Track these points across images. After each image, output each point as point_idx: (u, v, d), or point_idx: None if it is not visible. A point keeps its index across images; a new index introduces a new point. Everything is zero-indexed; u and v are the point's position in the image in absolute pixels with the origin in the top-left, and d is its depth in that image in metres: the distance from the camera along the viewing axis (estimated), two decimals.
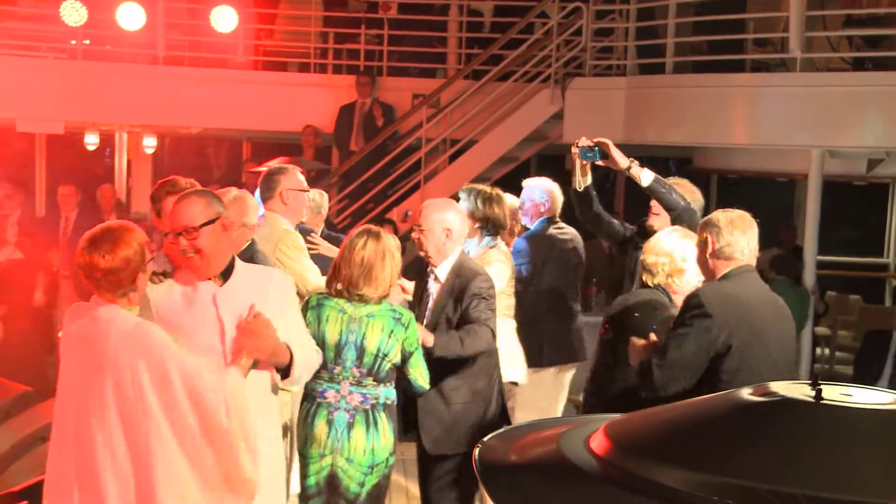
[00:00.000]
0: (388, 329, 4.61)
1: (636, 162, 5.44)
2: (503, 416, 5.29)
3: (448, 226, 5.11)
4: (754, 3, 10.29)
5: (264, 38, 12.41)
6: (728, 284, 4.26)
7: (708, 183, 12.70)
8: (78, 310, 3.75)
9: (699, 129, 10.01)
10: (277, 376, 3.95)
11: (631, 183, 5.72)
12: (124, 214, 10.47)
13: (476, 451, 2.34)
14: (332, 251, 5.83)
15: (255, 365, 3.80)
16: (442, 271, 5.11)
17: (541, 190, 6.73)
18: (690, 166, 11.84)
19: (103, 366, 3.57)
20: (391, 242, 4.74)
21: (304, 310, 4.64)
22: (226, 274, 3.91)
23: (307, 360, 4.02)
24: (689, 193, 5.61)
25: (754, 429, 2.14)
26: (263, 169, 10.86)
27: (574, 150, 5.49)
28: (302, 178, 5.88)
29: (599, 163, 5.50)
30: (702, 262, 4.36)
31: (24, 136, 12.36)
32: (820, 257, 9.31)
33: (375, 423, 4.60)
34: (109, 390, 3.56)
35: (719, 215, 4.35)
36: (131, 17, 11.06)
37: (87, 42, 11.77)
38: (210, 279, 3.90)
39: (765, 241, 10.27)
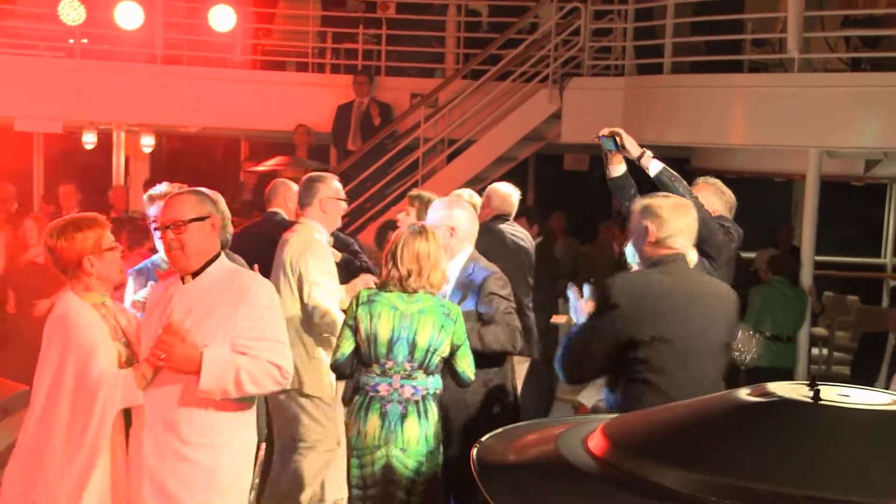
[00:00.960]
0: (438, 324, 4.68)
1: (648, 152, 5.51)
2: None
3: (453, 224, 5.16)
4: (752, 3, 10.29)
5: (262, 37, 12.41)
6: (649, 273, 4.23)
7: None
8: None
9: (697, 129, 10.01)
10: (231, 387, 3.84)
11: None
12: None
13: (474, 451, 2.34)
14: (336, 255, 5.92)
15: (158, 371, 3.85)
16: (450, 270, 5.10)
17: (489, 191, 6.86)
18: (688, 166, 11.84)
19: (43, 348, 3.95)
20: (435, 235, 4.81)
21: (356, 306, 4.74)
22: (197, 273, 3.94)
23: (234, 372, 3.80)
24: (719, 194, 5.66)
25: (752, 429, 2.14)
26: (262, 168, 10.95)
27: (597, 139, 5.58)
28: (339, 185, 5.94)
29: (616, 152, 5.59)
30: (639, 248, 4.30)
31: (23, 134, 12.36)
32: (817, 257, 9.32)
33: (426, 413, 4.72)
34: (44, 374, 3.91)
35: (661, 202, 4.27)
36: (130, 16, 11.06)
37: (86, 41, 11.77)
38: (183, 276, 3.96)
39: (763, 241, 10.38)
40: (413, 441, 4.67)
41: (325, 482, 5.86)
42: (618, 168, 5.66)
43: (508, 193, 6.83)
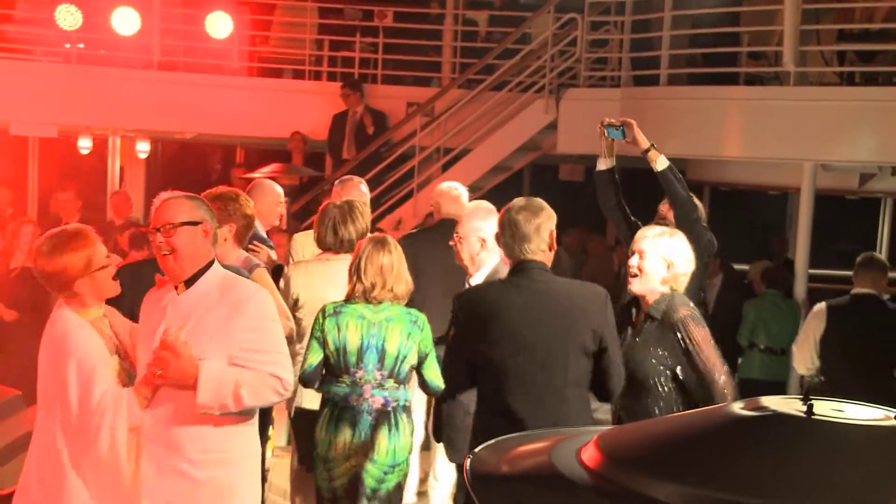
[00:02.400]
0: (406, 332, 4.74)
1: (655, 146, 5.57)
2: None
3: (483, 235, 5.12)
4: (749, 16, 10.32)
5: (259, 44, 12.42)
6: (490, 285, 4.45)
7: (701, 195, 12.72)
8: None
9: (692, 141, 10.02)
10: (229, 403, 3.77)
11: (624, 189, 5.82)
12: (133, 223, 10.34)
13: (467, 462, 2.34)
14: (271, 260, 5.84)
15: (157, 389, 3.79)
16: (476, 281, 5.10)
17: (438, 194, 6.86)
18: (684, 178, 11.85)
19: (41, 368, 3.87)
20: (398, 245, 4.88)
21: (322, 318, 4.76)
22: (191, 282, 3.85)
23: (233, 386, 3.73)
24: None
25: (745, 443, 2.14)
26: (254, 176, 10.94)
27: (599, 127, 5.59)
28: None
29: (624, 142, 5.63)
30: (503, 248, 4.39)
31: (18, 139, 12.34)
32: (812, 271, 9.32)
33: (397, 425, 4.74)
34: (47, 394, 3.83)
35: (520, 204, 4.28)
36: (126, 22, 11.07)
37: (82, 46, 11.76)
38: (177, 285, 3.86)
39: (757, 254, 10.37)
40: (383, 453, 4.71)
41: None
42: (608, 161, 5.72)
43: (457, 191, 6.75)
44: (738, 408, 2.25)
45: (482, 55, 11.58)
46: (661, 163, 5.58)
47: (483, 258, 5.13)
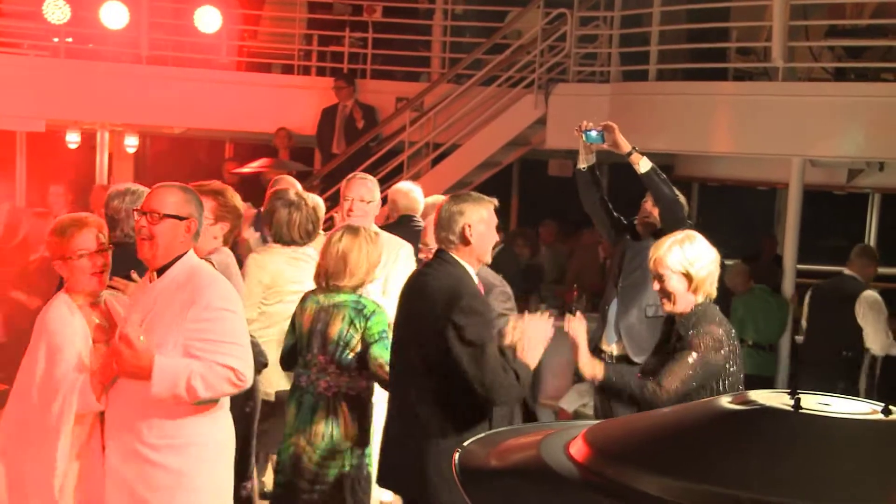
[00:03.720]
0: (348, 319, 4.82)
1: (637, 149, 5.57)
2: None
3: None
4: (738, 11, 10.34)
5: (248, 39, 12.39)
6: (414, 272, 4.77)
7: (689, 191, 12.74)
8: None
9: (681, 137, 10.04)
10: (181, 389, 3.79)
11: (619, 182, 5.85)
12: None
13: (455, 456, 2.34)
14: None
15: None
16: None
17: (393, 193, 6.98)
18: (672, 174, 11.88)
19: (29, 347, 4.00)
20: (369, 236, 4.97)
21: (301, 301, 5.03)
22: (162, 271, 3.91)
23: (186, 377, 3.75)
24: None
25: (733, 437, 2.14)
26: (245, 170, 10.92)
27: (577, 131, 5.59)
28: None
29: (603, 146, 5.61)
30: None
31: (6, 133, 12.29)
32: (800, 266, 9.35)
33: (335, 411, 4.82)
34: (21, 368, 3.96)
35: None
36: (115, 16, 11.03)
37: (70, 40, 11.72)
38: (150, 273, 3.96)
39: (745, 250, 10.41)
40: (318, 436, 4.81)
41: None
42: (589, 158, 5.73)
43: (411, 189, 6.93)
44: (725, 402, 2.25)
45: (471, 50, 11.57)
46: (643, 165, 5.58)
47: None
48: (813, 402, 2.18)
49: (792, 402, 2.16)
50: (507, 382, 4.21)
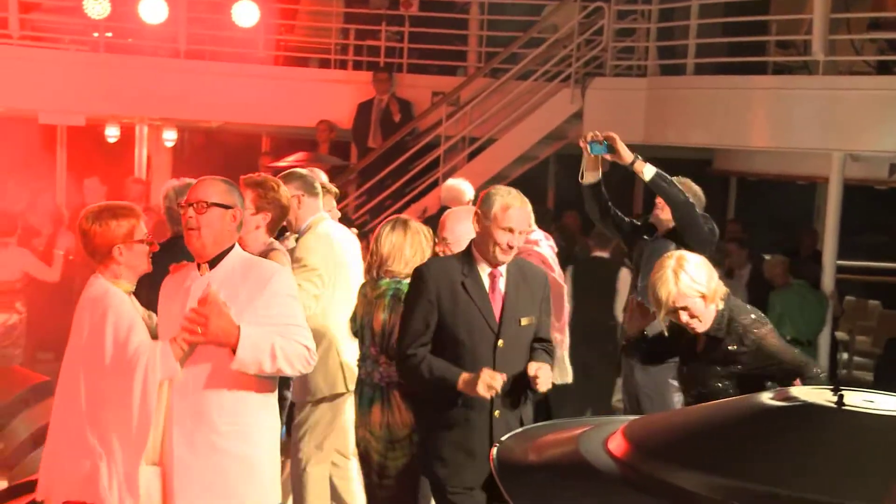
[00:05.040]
0: (389, 307, 4.84)
1: (640, 157, 5.51)
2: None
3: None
4: (778, 4, 10.24)
5: (285, 33, 12.43)
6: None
7: (727, 185, 12.65)
8: None
9: (719, 131, 9.96)
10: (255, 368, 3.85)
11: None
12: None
13: (494, 451, 2.34)
14: None
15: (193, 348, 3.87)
16: None
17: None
18: (710, 168, 11.80)
19: (76, 329, 3.96)
20: (421, 228, 5.03)
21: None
22: (214, 263, 3.96)
23: (270, 345, 3.82)
24: (690, 192, 5.72)
25: (775, 433, 2.12)
26: (282, 164, 10.97)
27: (582, 143, 5.52)
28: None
29: (607, 157, 5.54)
30: None
31: (46, 127, 12.42)
32: (840, 262, 9.25)
33: (389, 401, 4.86)
34: (78, 351, 3.91)
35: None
36: (154, 11, 11.10)
37: (110, 35, 11.81)
38: (199, 265, 3.98)
39: (783, 245, 10.31)
40: (377, 426, 4.86)
41: None
42: (595, 175, 5.63)
43: (455, 184, 7.08)
44: (767, 398, 2.24)
45: (508, 44, 11.54)
46: (647, 172, 5.50)
47: None
48: (856, 399, 2.16)
49: (835, 399, 2.13)
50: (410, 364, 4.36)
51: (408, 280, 4.82)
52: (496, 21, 12.27)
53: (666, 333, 4.48)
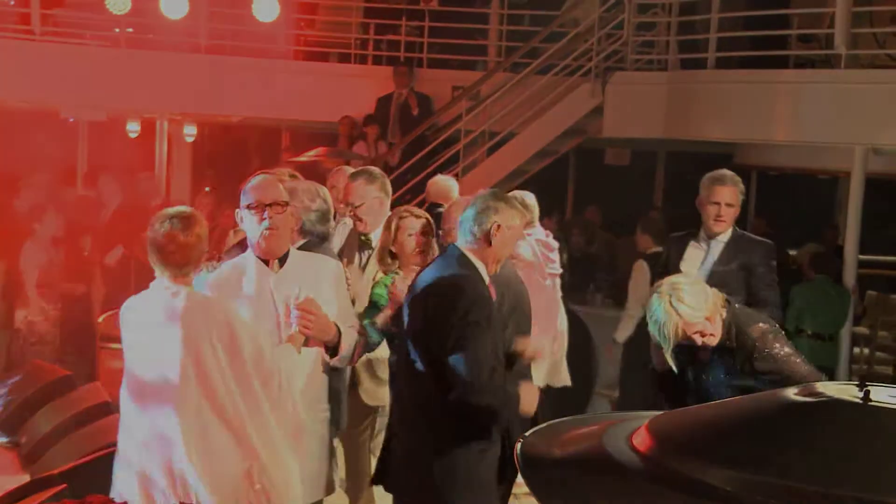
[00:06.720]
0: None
1: None
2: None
3: None
4: None
5: (305, 28, 12.44)
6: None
7: (749, 180, 12.59)
8: (138, 296, 3.94)
9: (741, 126, 9.92)
10: (326, 356, 4.19)
11: (671, 173, 5.74)
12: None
13: (518, 446, 2.34)
14: None
15: (307, 342, 4.05)
16: None
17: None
18: (731, 162, 11.75)
19: (181, 340, 3.71)
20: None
21: None
22: (282, 261, 4.14)
23: (352, 338, 4.23)
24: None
25: (800, 429, 2.11)
26: (302, 159, 10.99)
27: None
28: None
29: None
30: None
31: (68, 122, 12.48)
32: (863, 257, 9.20)
33: None
34: (190, 363, 3.70)
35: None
36: (175, 6, 11.13)
37: (131, 30, 11.85)
38: (268, 262, 4.12)
39: (806, 239, 10.21)
40: None
41: None
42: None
43: (445, 179, 7.12)
44: (792, 394, 2.22)
45: (528, 38, 11.52)
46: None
47: None
48: (883, 395, 2.14)
49: (861, 394, 2.12)
50: (495, 388, 4.13)
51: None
52: (516, 15, 12.25)
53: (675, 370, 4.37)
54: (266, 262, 4.12)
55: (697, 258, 5.65)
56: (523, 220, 4.42)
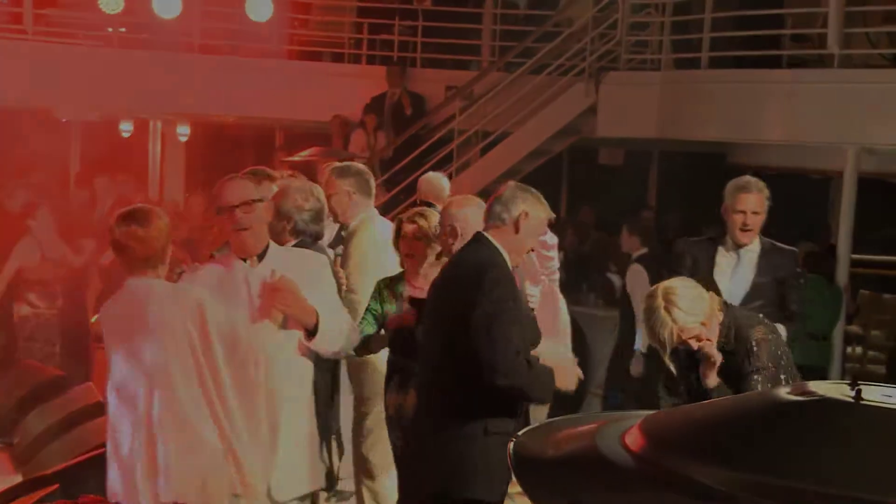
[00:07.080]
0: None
1: None
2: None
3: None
4: None
5: (299, 27, 12.43)
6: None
7: None
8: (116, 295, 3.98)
9: (734, 125, 9.93)
10: (305, 340, 4.17)
11: (664, 172, 5.72)
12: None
13: (511, 445, 2.34)
14: None
15: (286, 323, 4.05)
16: None
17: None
18: (724, 162, 11.76)
19: (153, 332, 3.78)
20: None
21: None
22: (261, 256, 4.15)
23: (336, 326, 4.18)
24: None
25: (792, 428, 2.12)
26: (296, 158, 10.98)
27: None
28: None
29: None
30: None
31: (60, 123, 12.45)
32: (855, 256, 9.22)
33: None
34: (165, 351, 3.78)
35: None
36: (167, 5, 11.11)
37: (123, 30, 11.83)
38: (247, 259, 4.13)
39: (798, 239, 10.22)
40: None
41: None
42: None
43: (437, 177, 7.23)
44: (784, 392, 2.23)
45: (521, 38, 11.51)
46: None
47: None
48: (875, 394, 2.15)
49: (853, 394, 2.13)
50: (521, 369, 4.08)
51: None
52: (510, 15, 12.25)
53: (674, 372, 4.35)
54: (245, 260, 4.17)
55: (728, 267, 5.57)
56: (547, 215, 4.40)
